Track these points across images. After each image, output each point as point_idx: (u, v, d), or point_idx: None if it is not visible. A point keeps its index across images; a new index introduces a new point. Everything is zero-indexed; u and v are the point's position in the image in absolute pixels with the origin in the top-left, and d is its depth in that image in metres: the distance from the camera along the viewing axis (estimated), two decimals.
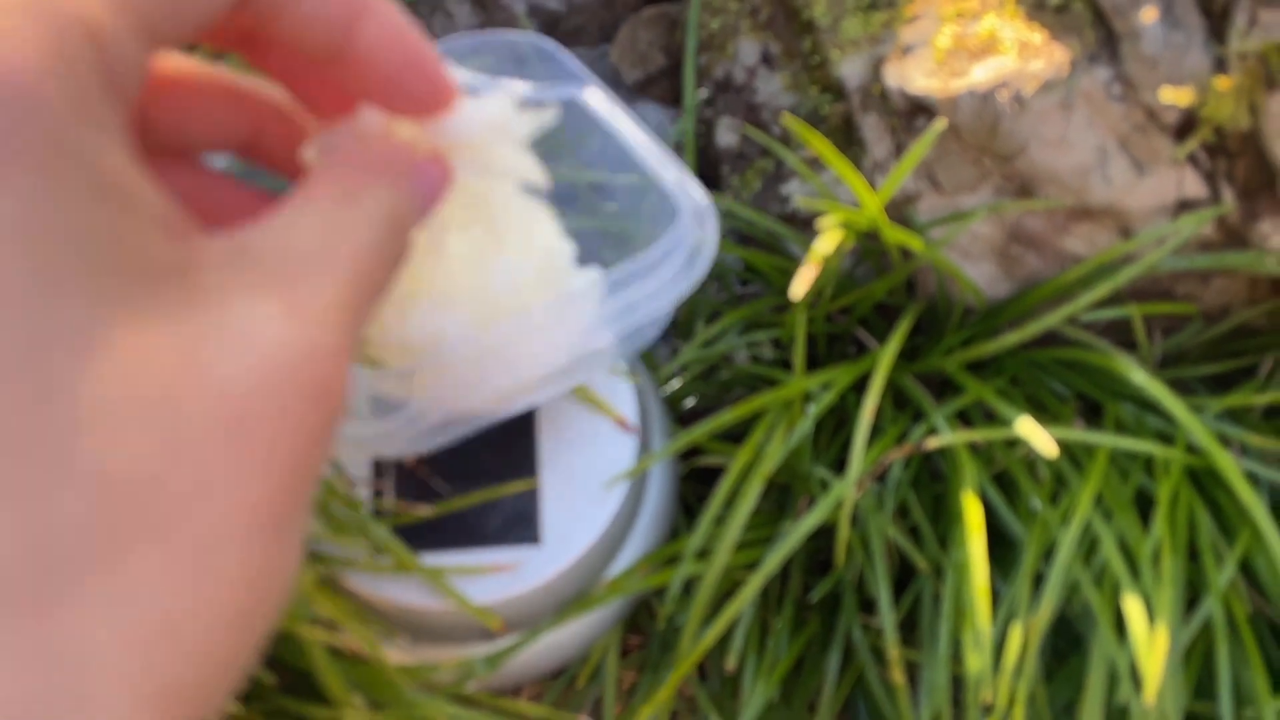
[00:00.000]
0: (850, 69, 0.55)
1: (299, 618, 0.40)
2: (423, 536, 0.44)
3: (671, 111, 0.69)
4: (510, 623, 0.47)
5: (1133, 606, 0.42)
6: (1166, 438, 0.50)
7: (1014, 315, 0.54)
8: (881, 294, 0.55)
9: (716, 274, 0.64)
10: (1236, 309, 0.54)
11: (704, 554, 0.50)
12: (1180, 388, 0.55)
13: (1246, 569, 0.48)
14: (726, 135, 0.64)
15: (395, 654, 0.46)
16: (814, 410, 0.50)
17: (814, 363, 0.60)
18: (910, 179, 0.53)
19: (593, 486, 0.46)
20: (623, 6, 0.70)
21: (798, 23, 0.60)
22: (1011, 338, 0.51)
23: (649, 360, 0.58)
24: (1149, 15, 0.45)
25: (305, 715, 0.44)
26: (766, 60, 0.62)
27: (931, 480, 0.55)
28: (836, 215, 0.47)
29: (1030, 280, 0.54)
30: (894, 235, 0.49)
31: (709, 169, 0.66)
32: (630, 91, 0.70)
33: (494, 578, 0.44)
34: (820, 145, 0.46)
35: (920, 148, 0.47)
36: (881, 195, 0.47)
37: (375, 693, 0.43)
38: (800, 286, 0.43)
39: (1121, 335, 0.56)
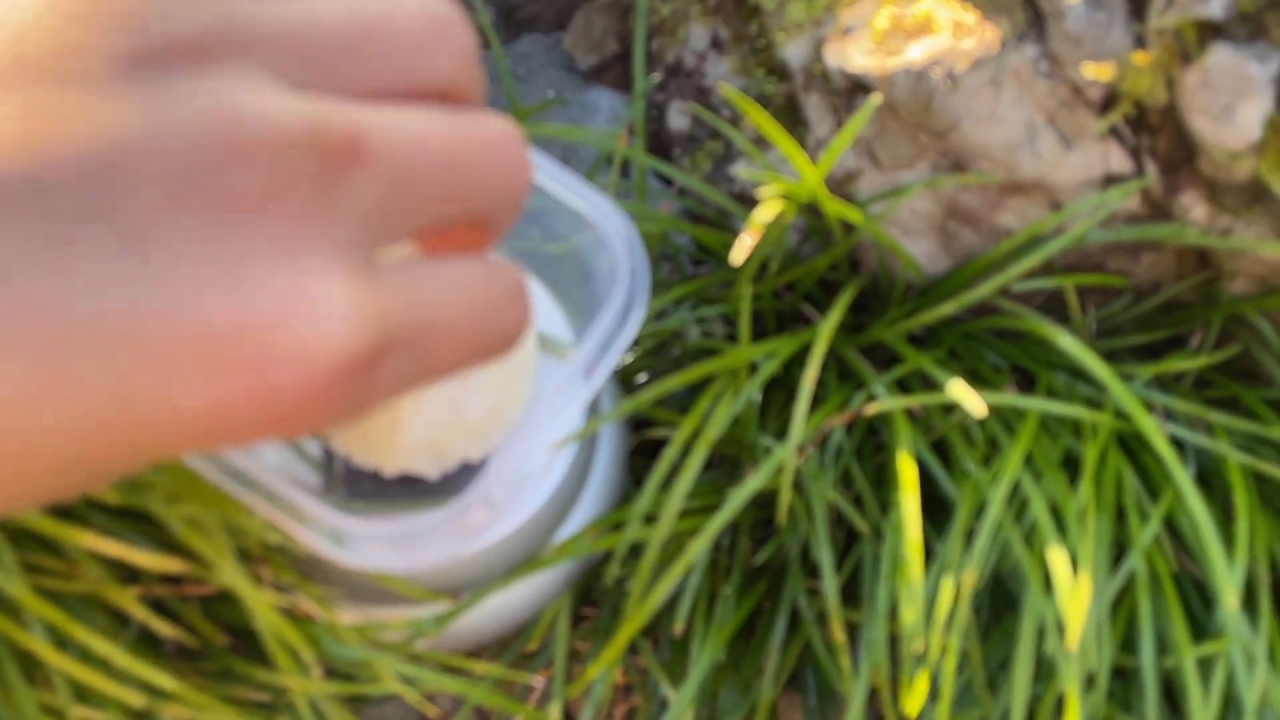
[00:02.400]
0: (794, 50, 0.57)
1: (246, 580, 0.40)
2: (369, 496, 0.44)
3: (625, 96, 0.71)
4: (459, 585, 0.48)
5: (1057, 558, 0.43)
6: (1096, 404, 0.52)
7: (952, 288, 0.56)
8: (825, 268, 0.57)
9: (669, 254, 0.66)
10: (1167, 284, 0.57)
11: (650, 519, 0.52)
12: (1113, 358, 0.57)
13: (1172, 528, 0.50)
14: (678, 119, 0.65)
15: (347, 615, 0.46)
16: (758, 377, 0.51)
17: (762, 338, 0.62)
18: (851, 156, 0.55)
19: (541, 450, 0.47)
20: None
21: (745, 7, 0.62)
22: (948, 307, 0.52)
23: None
24: None
25: (254, 676, 0.44)
26: (716, 45, 0.64)
27: (875, 451, 0.57)
28: (776, 186, 0.48)
29: (968, 255, 0.56)
30: (834, 207, 0.51)
31: (661, 152, 0.68)
32: (584, 78, 0.71)
33: (441, 539, 0.45)
34: (759, 117, 0.47)
35: (857, 121, 0.48)
36: (821, 168, 0.49)
37: (324, 651, 0.44)
38: (740, 253, 0.45)
39: (1058, 312, 0.58)
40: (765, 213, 0.47)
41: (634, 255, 0.41)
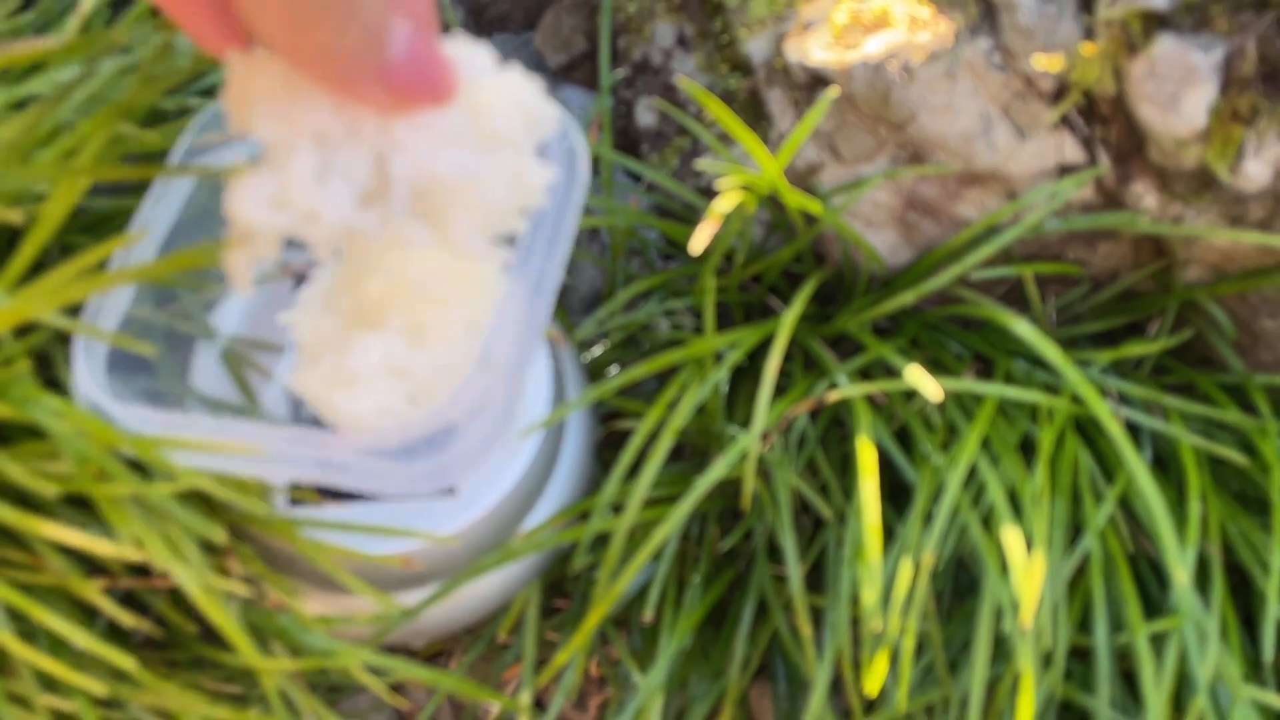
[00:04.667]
0: (756, 46, 0.58)
1: (207, 573, 0.41)
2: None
3: (594, 94, 0.72)
4: (427, 574, 0.48)
5: (1012, 538, 0.44)
6: (1054, 390, 0.53)
7: (913, 279, 0.57)
8: (789, 260, 0.58)
9: (638, 248, 0.67)
10: (1124, 272, 0.58)
11: (616, 508, 0.52)
12: (1072, 345, 0.58)
13: (1129, 509, 0.51)
14: (645, 115, 0.66)
15: (314, 605, 0.47)
16: (723, 366, 0.52)
17: (729, 329, 0.62)
18: (812, 149, 0.56)
19: (508, 439, 0.48)
20: None
21: (709, 5, 0.62)
22: (909, 296, 0.53)
23: (567, 325, 0.60)
24: None
25: (224, 663, 0.45)
26: (682, 42, 0.65)
27: (840, 440, 0.58)
28: (737, 178, 0.49)
29: (928, 246, 0.57)
30: (794, 199, 0.51)
31: (630, 148, 0.68)
32: (554, 76, 0.72)
33: (409, 527, 0.46)
34: (720, 111, 0.48)
35: (816, 113, 0.49)
36: (780, 159, 0.50)
37: (290, 642, 0.44)
38: (700, 242, 0.46)
39: (1019, 302, 0.59)
40: (725, 203, 0.48)
41: (570, 134, 0.40)
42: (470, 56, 0.31)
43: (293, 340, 0.37)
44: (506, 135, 0.32)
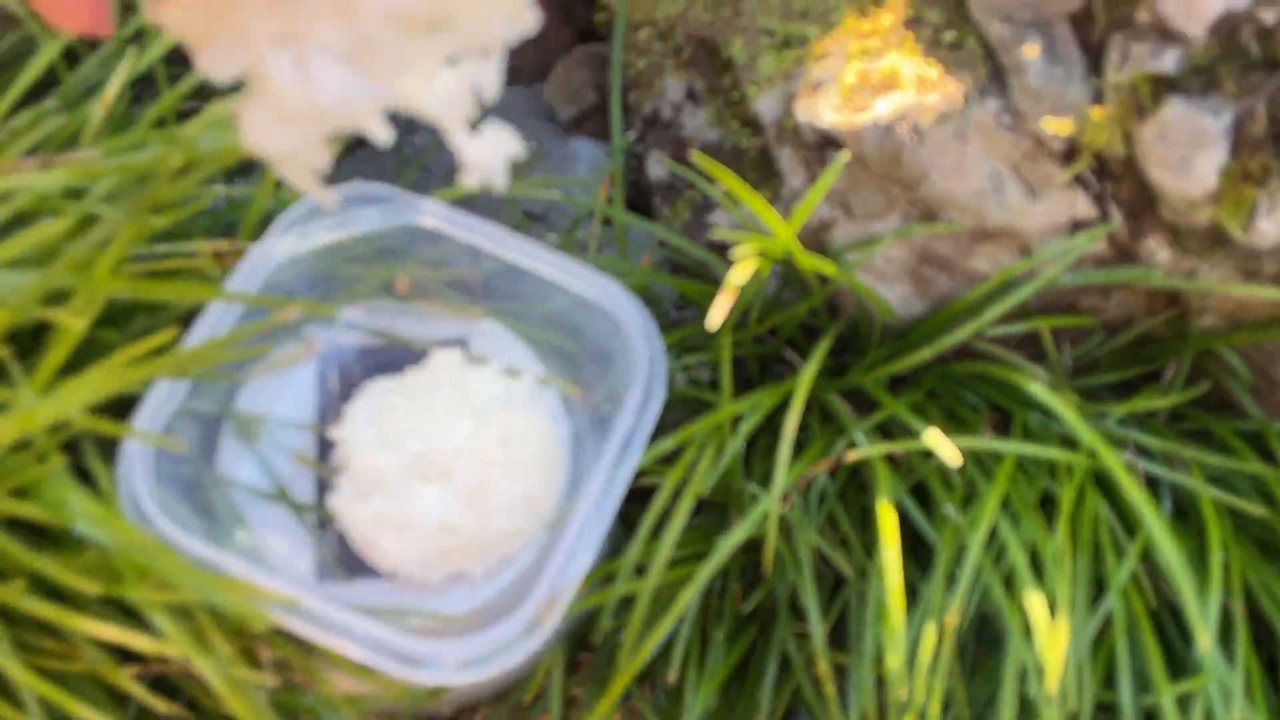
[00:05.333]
0: (765, 105, 0.58)
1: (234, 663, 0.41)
2: (368, 576, 0.46)
3: (605, 145, 0.72)
4: None
5: (1034, 603, 0.44)
6: (1071, 443, 0.53)
7: (929, 332, 0.57)
8: (804, 315, 0.58)
9: (652, 299, 0.67)
10: (1139, 319, 0.58)
11: (640, 570, 0.53)
12: (1088, 395, 0.58)
13: (1150, 560, 0.52)
14: (656, 168, 0.67)
15: (345, 683, 0.48)
16: (741, 432, 0.52)
17: (747, 383, 0.63)
18: (825, 207, 0.56)
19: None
20: (555, 47, 0.73)
21: (718, 60, 0.63)
22: (924, 353, 0.54)
23: (584, 382, 0.61)
24: (1031, 51, 0.48)
25: None
26: (691, 96, 0.65)
27: (859, 491, 0.58)
28: (752, 245, 0.49)
29: (942, 299, 0.58)
30: (807, 262, 0.52)
31: (641, 200, 0.69)
32: (565, 128, 0.73)
33: (434, 599, 0.46)
34: (730, 181, 0.49)
35: (826, 179, 0.50)
36: (793, 225, 0.50)
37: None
38: (717, 317, 0.46)
39: (1034, 348, 0.59)
40: (741, 274, 0.48)
41: (651, 343, 0.44)
42: None
43: (341, 456, 0.38)
44: None
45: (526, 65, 0.75)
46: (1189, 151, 0.45)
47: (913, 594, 0.51)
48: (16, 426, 0.35)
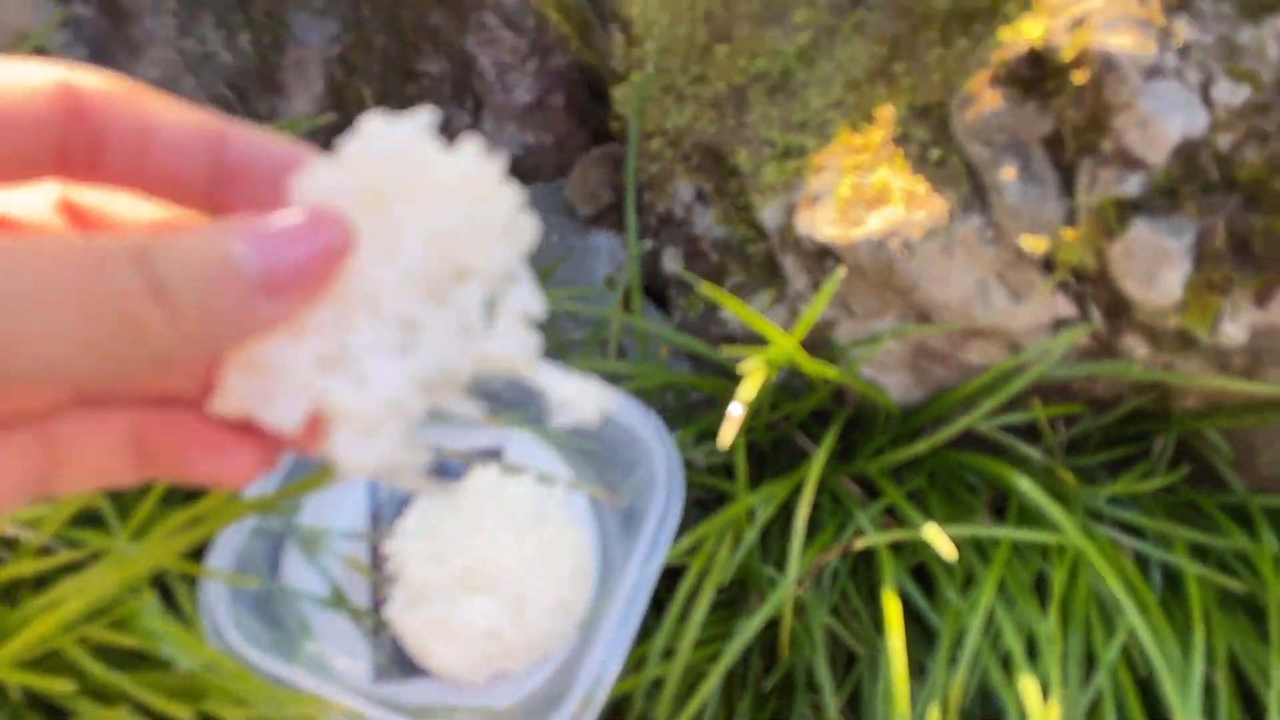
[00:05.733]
0: (769, 214, 0.63)
1: None
2: (422, 677, 0.51)
3: (621, 237, 0.77)
4: None
5: (1028, 688, 0.49)
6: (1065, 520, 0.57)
7: (929, 417, 0.62)
8: (813, 405, 0.63)
9: (671, 386, 0.72)
10: (1126, 397, 0.62)
11: (668, 653, 0.57)
12: (1082, 473, 0.62)
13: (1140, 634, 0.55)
14: (671, 263, 0.72)
15: None
16: (757, 524, 0.57)
17: (761, 460, 0.67)
18: (828, 309, 0.61)
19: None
20: (573, 148, 0.78)
21: (724, 167, 0.68)
22: (922, 445, 0.58)
23: (608, 479, 0.65)
24: (1009, 173, 0.53)
25: None
26: (701, 198, 0.70)
27: (867, 569, 0.63)
28: (759, 358, 0.54)
29: (940, 386, 0.62)
30: (812, 366, 0.56)
31: (658, 292, 0.74)
32: (585, 223, 0.78)
33: (481, 696, 0.51)
34: (736, 307, 0.53)
35: (825, 293, 0.54)
36: (796, 335, 0.55)
37: None
38: (727, 437, 0.51)
39: (1029, 430, 0.63)
40: (749, 389, 0.53)
41: (668, 454, 0.48)
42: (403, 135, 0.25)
43: (393, 567, 0.43)
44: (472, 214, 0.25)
45: (547, 164, 0.80)
46: (1154, 267, 0.49)
47: (919, 669, 0.56)
48: (117, 576, 0.41)
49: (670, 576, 0.64)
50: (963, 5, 0.59)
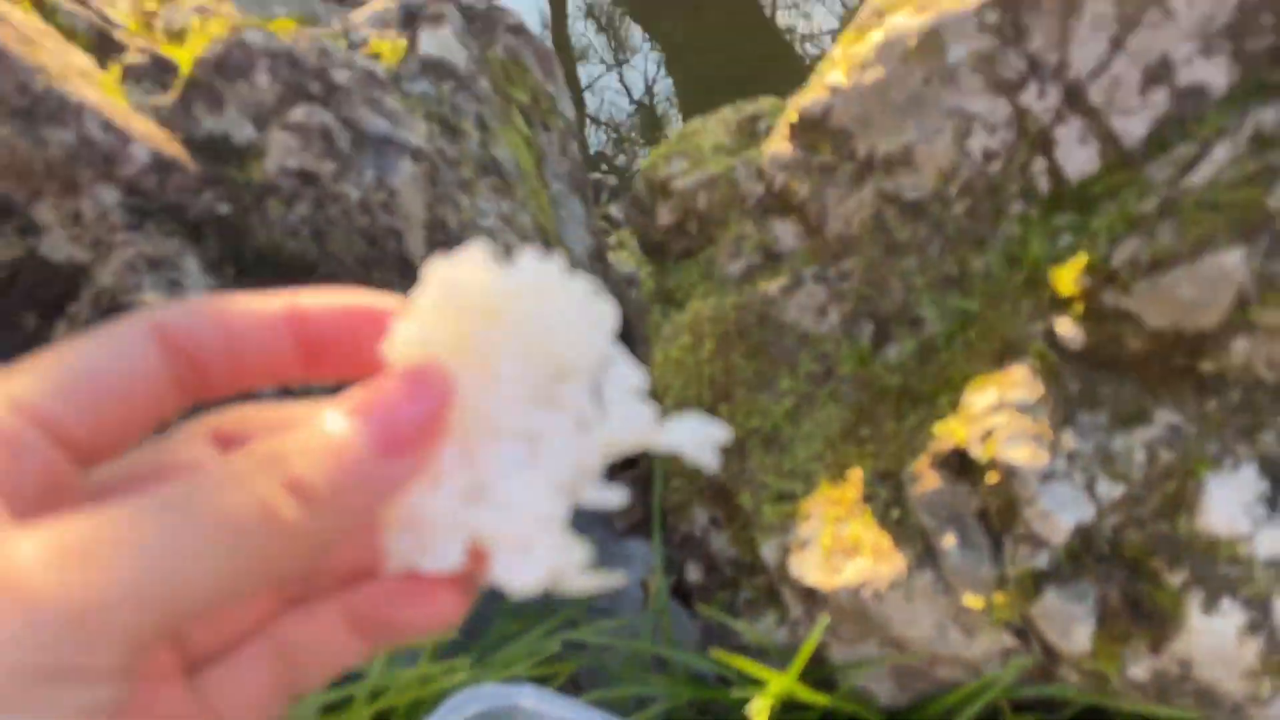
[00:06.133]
0: (768, 550, 0.77)
1: None
2: None
3: (650, 544, 0.92)
4: None
5: None
6: None
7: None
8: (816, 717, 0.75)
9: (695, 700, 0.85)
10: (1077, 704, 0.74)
11: None
12: None
13: None
14: (693, 573, 0.86)
15: None
16: None
17: None
18: (821, 635, 0.74)
19: None
20: (610, 469, 0.94)
21: (731, 503, 0.83)
22: None
23: None
24: (950, 541, 0.67)
25: None
26: (714, 523, 0.85)
27: None
28: (762, 700, 0.67)
29: (921, 693, 0.74)
30: (810, 696, 0.69)
31: (684, 593, 0.88)
32: (620, 534, 0.93)
33: None
34: (738, 661, 0.67)
35: (814, 638, 0.68)
36: (791, 673, 0.68)
37: None
38: None
39: None
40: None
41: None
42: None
43: None
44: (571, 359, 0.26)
45: None
46: (1066, 625, 0.62)
47: None
48: None
49: None
50: (911, 387, 0.75)
